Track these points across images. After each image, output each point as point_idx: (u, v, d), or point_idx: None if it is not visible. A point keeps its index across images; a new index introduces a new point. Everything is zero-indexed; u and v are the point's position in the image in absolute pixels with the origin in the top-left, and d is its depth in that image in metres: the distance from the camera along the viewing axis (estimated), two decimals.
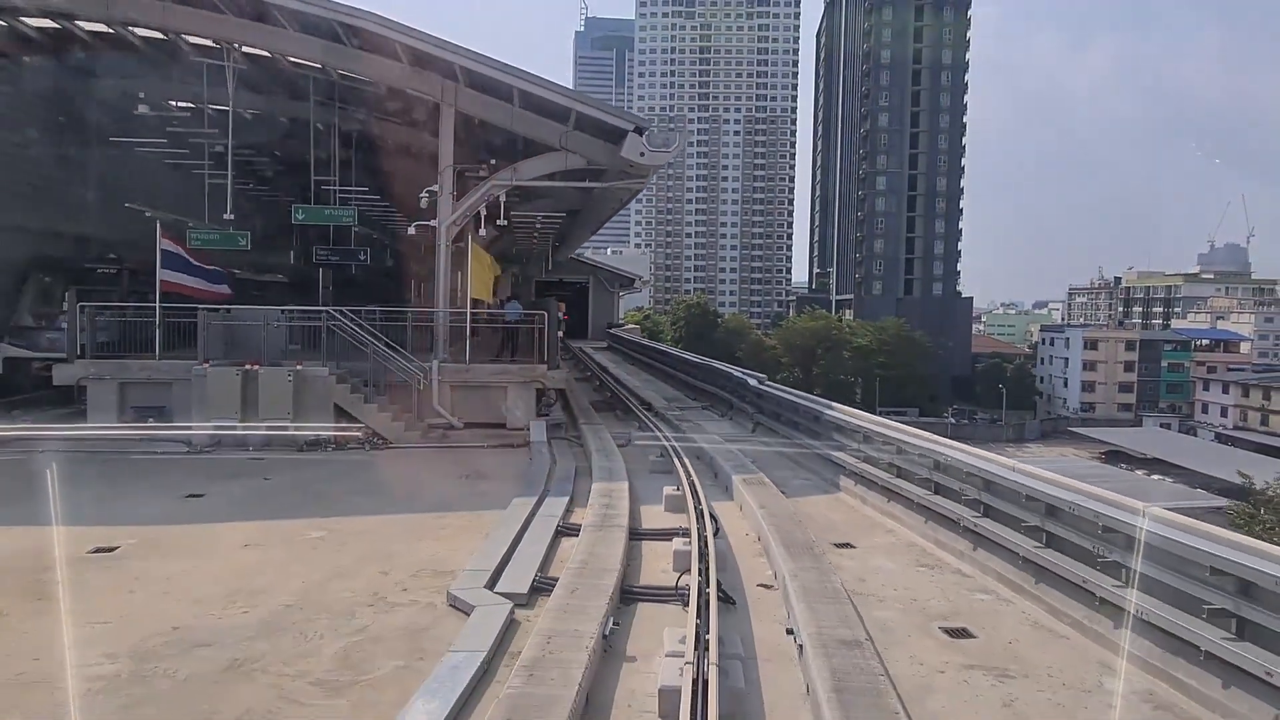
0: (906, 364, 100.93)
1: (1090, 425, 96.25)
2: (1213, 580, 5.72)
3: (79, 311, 15.62)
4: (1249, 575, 5.49)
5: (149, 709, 5.36)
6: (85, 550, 8.60)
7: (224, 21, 16.52)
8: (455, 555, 8.48)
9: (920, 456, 10.01)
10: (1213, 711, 5.50)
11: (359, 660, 6.14)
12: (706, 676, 5.12)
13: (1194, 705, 5.62)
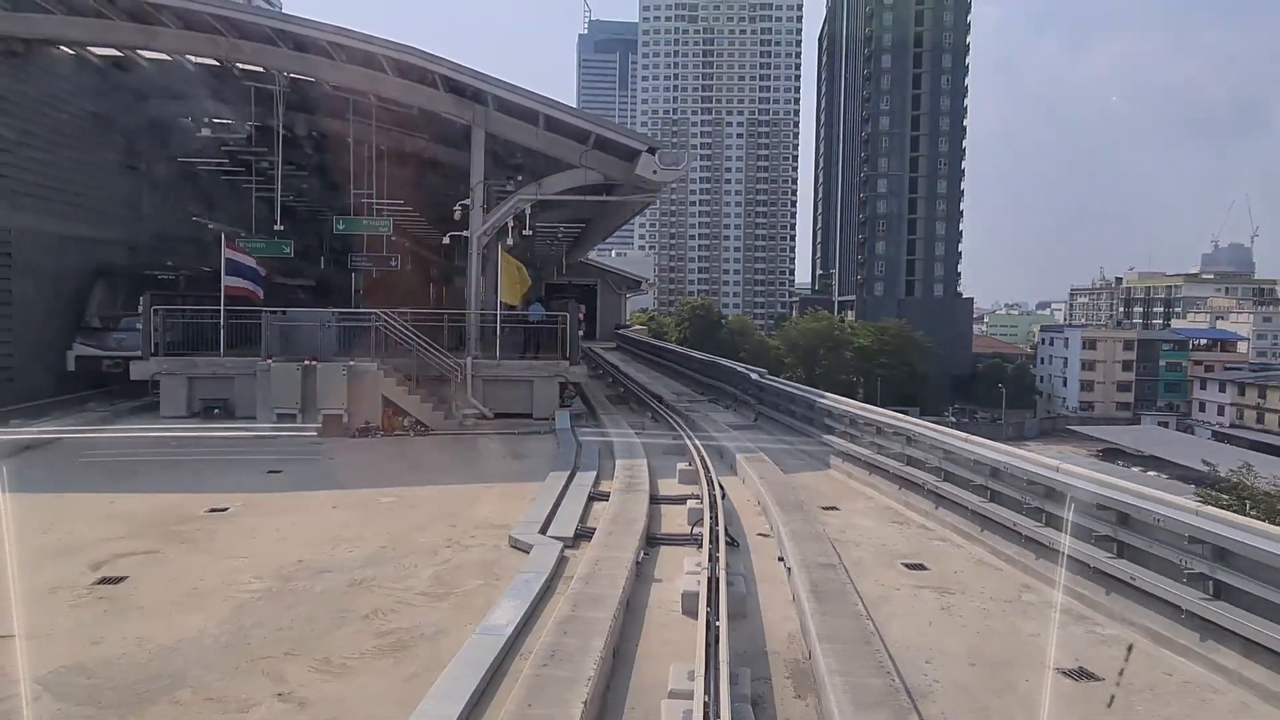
0: (907, 364, 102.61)
1: (1089, 424, 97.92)
2: (1100, 514, 7.55)
3: (152, 314, 17.51)
4: (1127, 509, 7.30)
5: (303, 608, 7.19)
6: (203, 511, 10.43)
7: (276, 53, 18.37)
8: (507, 514, 10.30)
9: (895, 434, 11.86)
10: (1096, 612, 7.31)
11: (449, 580, 7.98)
12: (718, 578, 6.95)
13: (1085, 609, 7.43)
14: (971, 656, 6.44)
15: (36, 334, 19.21)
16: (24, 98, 18.87)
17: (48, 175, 19.86)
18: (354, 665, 6.11)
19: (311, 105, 21.12)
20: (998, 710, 5.58)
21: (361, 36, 16.98)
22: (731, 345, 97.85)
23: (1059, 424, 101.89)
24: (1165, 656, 6.43)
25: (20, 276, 18.78)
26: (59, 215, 20.22)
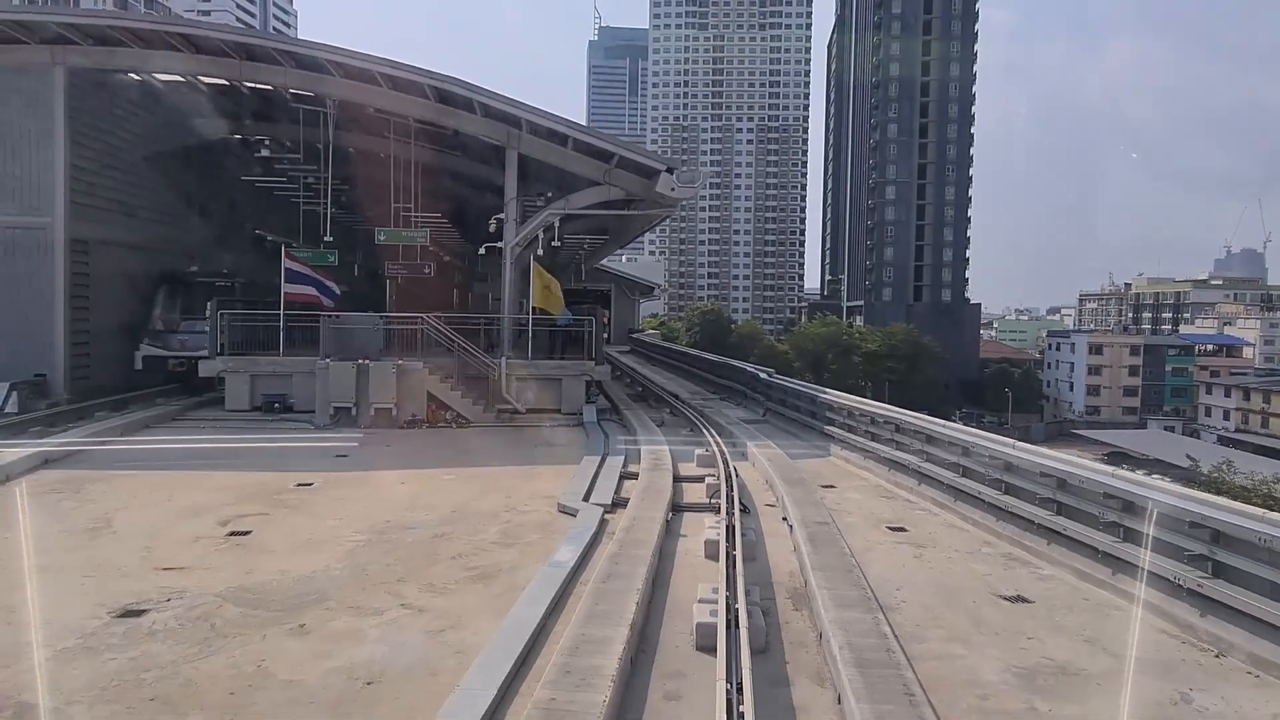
0: (915, 368, 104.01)
1: (1095, 428, 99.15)
2: (1043, 481, 9.30)
3: (218, 317, 19.41)
4: (1064, 476, 9.04)
5: (401, 552, 9.00)
6: (292, 485, 12.26)
7: (330, 81, 20.26)
8: (552, 488, 12.09)
9: (885, 423, 13.62)
10: (1039, 559, 9.05)
11: (514, 533, 9.79)
12: (734, 527, 8.73)
13: (1031, 557, 9.16)
14: (933, 587, 8.20)
15: (110, 336, 21.16)
16: (101, 125, 20.80)
17: (118, 192, 21.81)
18: (453, 588, 7.91)
19: (357, 126, 23.03)
20: (947, 618, 7.33)
21: (410, 68, 18.87)
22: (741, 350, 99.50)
23: (1065, 428, 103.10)
24: (1085, 587, 8.17)
25: (97, 284, 20.72)
26: (128, 228, 22.18)
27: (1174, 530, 7.34)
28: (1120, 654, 6.58)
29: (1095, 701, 5.80)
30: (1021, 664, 6.40)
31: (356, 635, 6.73)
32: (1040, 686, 6.02)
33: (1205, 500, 7.33)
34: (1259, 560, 6.52)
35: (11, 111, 19.11)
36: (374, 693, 5.73)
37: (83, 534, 9.54)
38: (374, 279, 27.51)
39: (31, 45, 19.11)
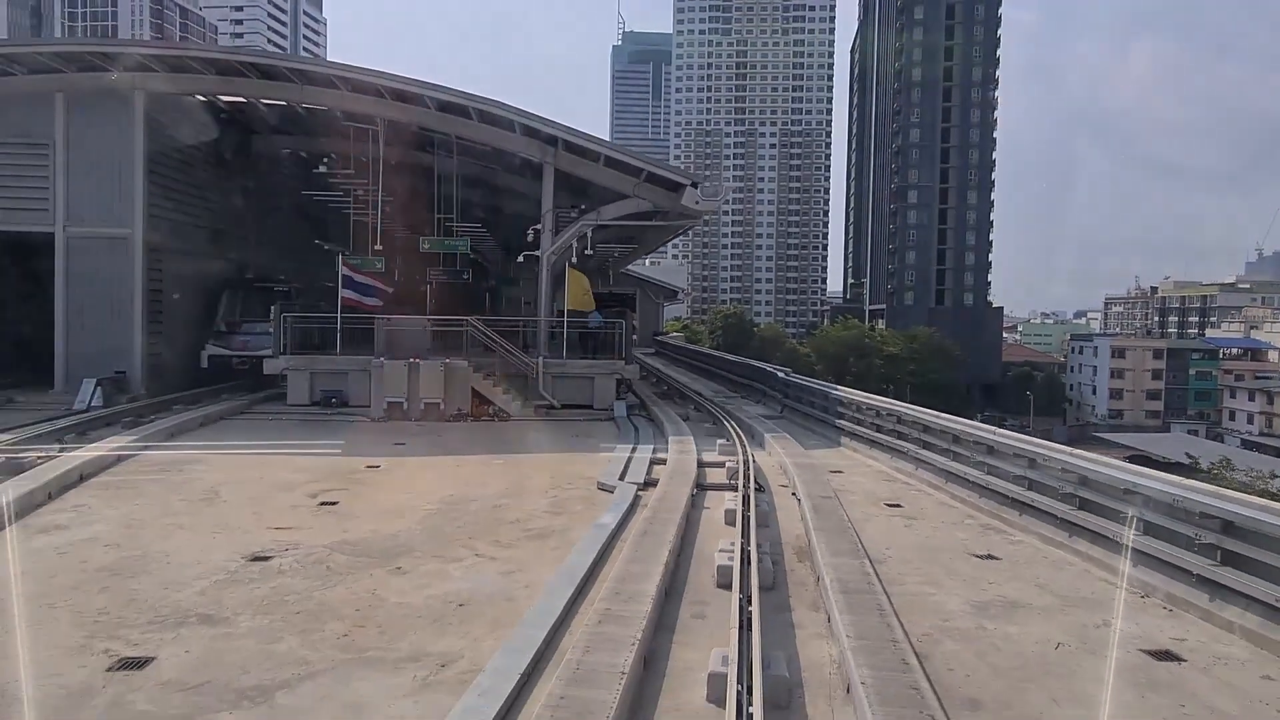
0: (937, 371, 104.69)
1: (1117, 431, 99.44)
2: (1016, 460, 10.80)
3: (282, 319, 21.25)
4: (1034, 455, 10.54)
5: (467, 518, 10.66)
6: (362, 467, 13.98)
7: (381, 103, 22.06)
8: (591, 471, 13.70)
9: (888, 415, 15.15)
10: (1012, 527, 10.54)
11: (561, 506, 11.42)
12: (750, 497, 10.31)
13: (1005, 526, 10.66)
14: (917, 547, 9.74)
15: (181, 336, 23.09)
16: (171, 142, 22.73)
17: (186, 203, 23.75)
18: (515, 544, 9.55)
19: (404, 142, 24.81)
20: (924, 568, 8.87)
21: (460, 93, 20.62)
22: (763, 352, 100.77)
23: (1087, 431, 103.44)
24: (1046, 549, 9.67)
25: (168, 288, 22.65)
26: (194, 237, 24.12)
27: (1114, 498, 8.85)
28: (1063, 595, 8.10)
29: (1032, 624, 7.33)
30: (979, 599, 7.94)
31: (444, 575, 8.39)
32: (990, 614, 7.56)
33: (1138, 472, 8.83)
34: (1177, 519, 8.00)
35: (99, 132, 21.06)
36: (466, 612, 7.37)
37: (199, 502, 11.29)
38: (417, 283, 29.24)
39: (115, 73, 21.04)
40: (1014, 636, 7.05)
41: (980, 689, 6.03)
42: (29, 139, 21.09)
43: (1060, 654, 6.68)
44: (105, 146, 21.20)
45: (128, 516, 10.43)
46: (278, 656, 6.34)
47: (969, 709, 5.70)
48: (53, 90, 20.96)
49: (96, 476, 12.47)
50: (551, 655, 6.17)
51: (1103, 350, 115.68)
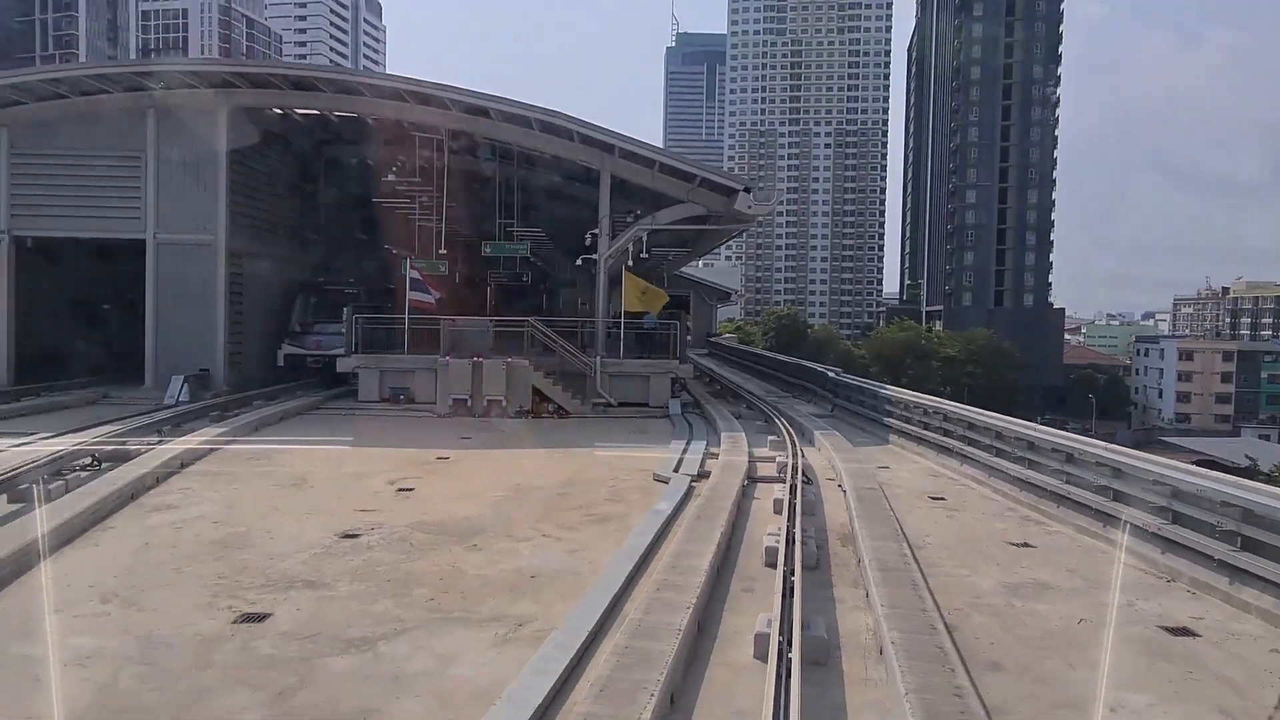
0: (996, 374, 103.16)
1: (1185, 436, 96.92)
2: (1054, 455, 11.27)
3: (353, 321, 22.45)
4: (1072, 451, 11.00)
5: (533, 504, 11.50)
6: (433, 458, 14.94)
7: (448, 115, 23.13)
8: (647, 464, 14.45)
9: (935, 412, 15.63)
10: (1049, 519, 11.02)
11: (619, 494, 12.21)
12: (797, 486, 10.97)
13: (1042, 518, 11.13)
14: (956, 535, 10.30)
15: (258, 336, 24.49)
16: (249, 153, 24.13)
17: (263, 211, 25.17)
18: (578, 527, 10.36)
19: (466, 150, 25.92)
20: (961, 554, 9.44)
21: (521, 104, 21.57)
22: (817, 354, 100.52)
23: (1153, 435, 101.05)
24: (1081, 538, 10.15)
25: (248, 291, 24.06)
26: (270, 242, 25.54)
27: (1145, 489, 9.31)
28: (1092, 579, 8.62)
29: (1059, 603, 7.88)
30: (1011, 581, 8.51)
31: (515, 552, 9.23)
32: (1020, 594, 8.12)
33: (1167, 464, 9.28)
34: (1204, 509, 8.46)
35: (186, 144, 22.51)
36: (537, 583, 8.19)
37: (289, 487, 12.35)
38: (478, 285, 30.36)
39: (201, 89, 22.49)
40: (1040, 613, 7.62)
41: (1003, 654, 6.64)
42: (123, 152, 22.63)
43: (1082, 628, 7.24)
44: (191, 157, 22.64)
45: (228, 499, 11.50)
46: (375, 615, 7.22)
47: (991, 670, 6.31)
48: (145, 107, 22.46)
49: (194, 464, 13.62)
50: (615, 617, 6.94)
51: (1169, 352, 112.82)
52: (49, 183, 22.61)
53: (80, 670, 6.02)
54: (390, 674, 6.09)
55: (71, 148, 22.50)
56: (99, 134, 22.56)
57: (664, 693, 5.39)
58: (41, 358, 23.39)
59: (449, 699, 5.71)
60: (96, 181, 22.64)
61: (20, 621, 6.91)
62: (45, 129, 22.46)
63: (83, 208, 22.65)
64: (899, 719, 5.29)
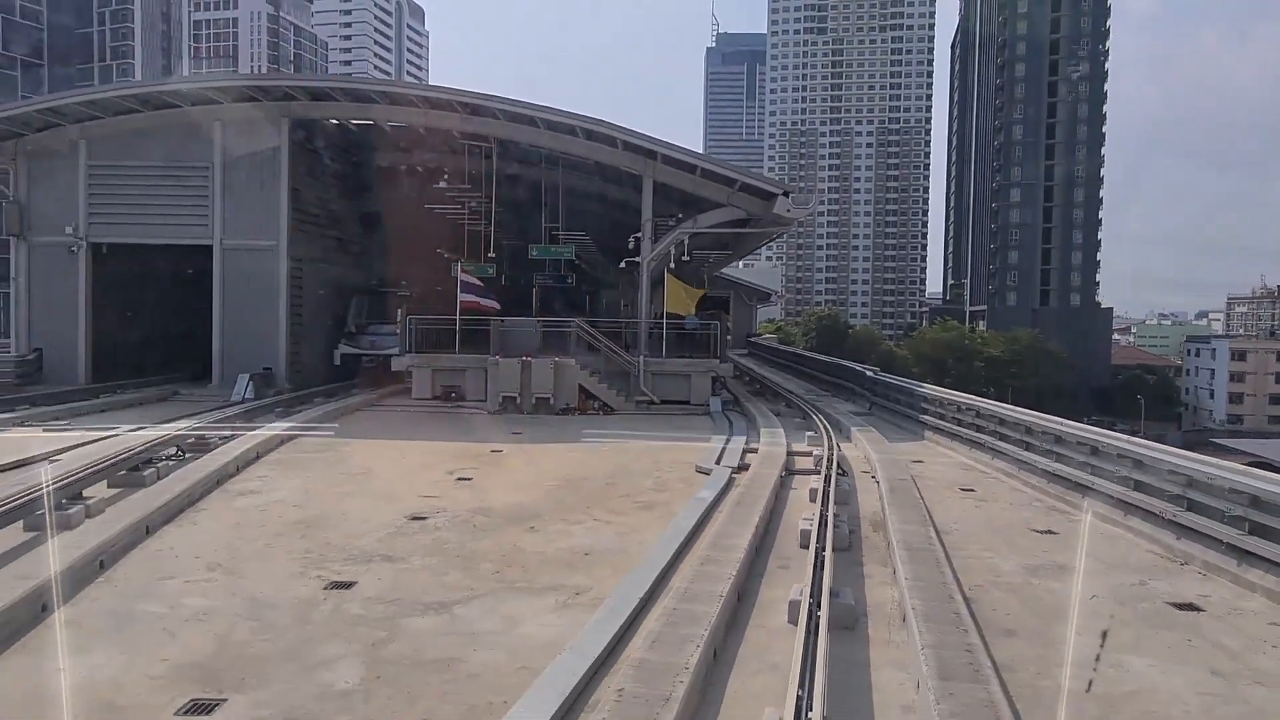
0: (1040, 374, 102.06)
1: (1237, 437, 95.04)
2: (1079, 448, 11.80)
3: (408, 322, 23.50)
4: (1095, 443, 11.52)
5: (583, 493, 12.31)
6: (488, 451, 15.84)
7: (496, 124, 24.10)
8: (689, 458, 15.18)
9: (967, 409, 16.16)
10: (1074, 508, 11.55)
11: (664, 484, 12.98)
12: (832, 477, 11.64)
13: (1068, 507, 11.66)
14: (983, 523, 10.89)
15: (317, 337, 25.68)
16: (307, 162, 25.34)
17: (320, 217, 26.36)
18: (627, 512, 11.14)
19: (513, 157, 26.90)
20: (986, 539, 10.04)
21: (567, 114, 22.47)
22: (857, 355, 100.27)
23: (1205, 436, 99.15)
24: (1102, 525, 10.67)
25: (307, 294, 25.25)
26: (327, 247, 26.75)
27: (1163, 479, 9.84)
28: (1109, 561, 9.18)
29: (1074, 582, 8.47)
30: (1031, 563, 9.11)
31: (569, 533, 10.04)
32: (1038, 573, 8.73)
33: (1183, 455, 9.80)
34: (1218, 496, 8.98)
35: (251, 155, 23.78)
36: (590, 559, 8.98)
37: (358, 476, 13.32)
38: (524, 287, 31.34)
39: (264, 103, 23.72)
40: (1055, 590, 8.23)
41: (1017, 623, 7.28)
42: (192, 162, 23.94)
43: (1093, 603, 7.84)
44: (255, 167, 23.90)
45: (303, 486, 12.49)
46: (447, 584, 8.07)
47: (1004, 635, 6.96)
48: (212, 120, 23.75)
49: (269, 455, 14.66)
50: (664, 586, 7.70)
51: (1221, 352, 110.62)
52: (123, 192, 24.01)
53: (200, 625, 6.95)
54: (466, 631, 6.93)
55: (144, 159, 23.89)
56: (170, 146, 23.90)
57: (708, 646, 6.14)
58: (113, 357, 24.82)
59: (518, 651, 6.52)
60: (168, 190, 24.00)
61: (143, 586, 7.88)
62: (120, 142, 23.86)
63: (154, 215, 24.03)
64: (915, 671, 5.98)
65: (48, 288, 23.97)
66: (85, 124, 23.60)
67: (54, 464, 12.44)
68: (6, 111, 23.52)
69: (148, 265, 25.46)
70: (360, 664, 6.27)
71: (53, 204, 23.72)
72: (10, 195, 23.64)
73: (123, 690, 5.80)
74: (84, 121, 23.56)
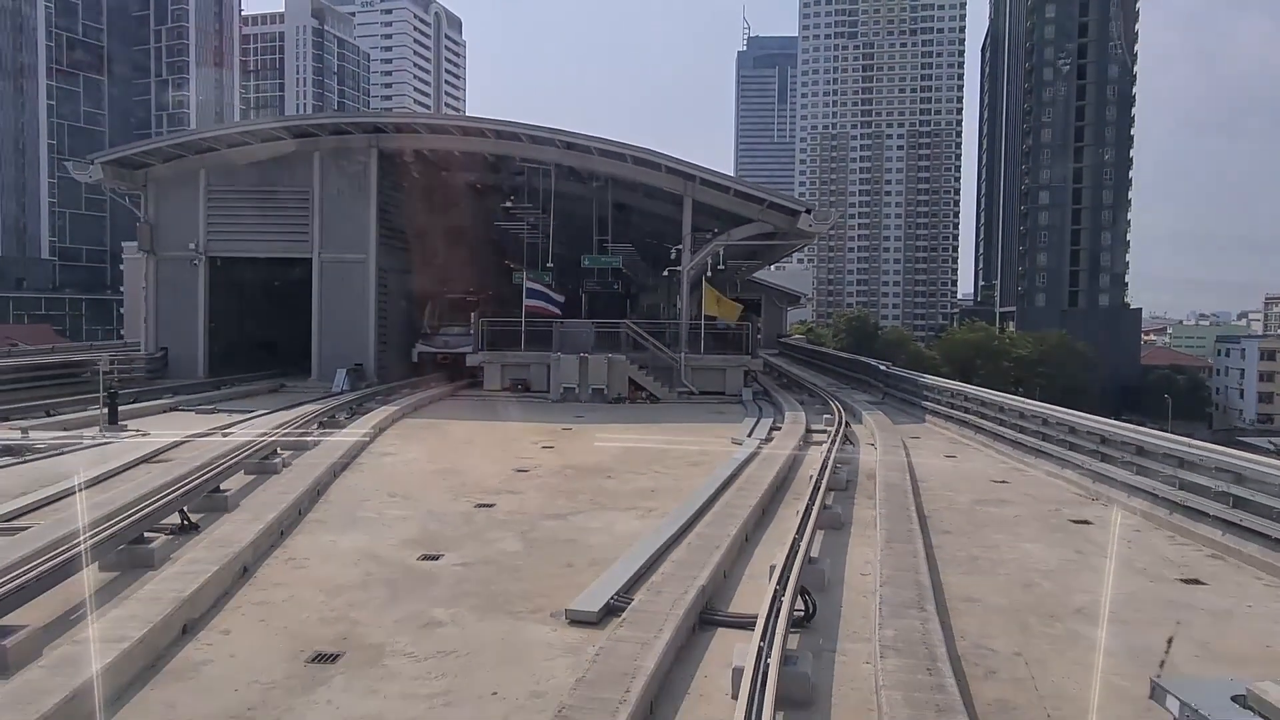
0: (1068, 374, 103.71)
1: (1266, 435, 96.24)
2: (1033, 418, 15.04)
3: (480, 324, 27.14)
4: (1045, 415, 14.73)
5: (643, 457, 15.74)
6: (560, 428, 19.34)
7: (556, 152, 27.64)
8: (726, 433, 18.56)
9: (957, 394, 19.40)
10: (1027, 465, 14.76)
11: (706, 451, 16.38)
12: (835, 442, 14.99)
13: (1025, 468, 14.88)
14: (953, 475, 14.18)
15: (399, 338, 29.40)
16: (390, 183, 29.06)
17: (402, 231, 30.09)
18: (678, 469, 14.57)
19: (568, 177, 30.45)
20: (952, 483, 13.33)
21: (617, 143, 25.97)
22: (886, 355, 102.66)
23: (1233, 435, 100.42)
24: (1045, 478, 13.90)
25: (391, 299, 28.97)
26: (406, 258, 30.46)
27: (1086, 439, 13.07)
28: (1039, 498, 12.45)
29: (1008, 509, 11.75)
30: (980, 499, 12.40)
31: (637, 479, 13.48)
32: (982, 503, 12.03)
33: (1102, 421, 13.02)
34: (1127, 450, 12.18)
35: (345, 181, 27.53)
36: (655, 494, 12.41)
37: (464, 445, 16.89)
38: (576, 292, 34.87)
39: (356, 135, 27.49)
40: (993, 513, 11.52)
41: (953, 528, 10.60)
42: (295, 186, 27.76)
43: (1015, 521, 11.13)
44: (348, 190, 27.66)
45: (426, 450, 16.07)
46: (559, 506, 11.55)
47: (941, 533, 10.29)
48: (311, 149, 27.55)
49: (388, 430, 18.27)
50: (709, 507, 11.09)
51: (1250, 352, 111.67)
52: (236, 212, 27.89)
53: (403, 523, 10.48)
54: (579, 527, 10.40)
55: (254, 183, 27.75)
56: (276, 172, 27.74)
57: (741, 530, 9.56)
58: (226, 355, 28.73)
59: (616, 536, 9.96)
60: (274, 210, 27.84)
61: (353, 504, 11.46)
62: (234, 169, 27.73)
63: (262, 231, 27.89)
64: (875, 547, 9.32)
65: (172, 295, 27.89)
66: (205, 154, 27.51)
67: (229, 436, 16.13)
68: (141, 147, 27.53)
69: (255, 275, 29.32)
70: (518, 540, 9.76)
71: (177, 223, 27.64)
72: (143, 217, 27.62)
73: (376, 550, 9.33)
74: (204, 153, 27.48)
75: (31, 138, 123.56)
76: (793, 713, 5.71)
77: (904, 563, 8.35)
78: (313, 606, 7.53)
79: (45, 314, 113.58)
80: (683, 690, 6.06)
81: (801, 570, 7.49)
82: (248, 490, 11.69)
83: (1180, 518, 10.48)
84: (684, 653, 6.61)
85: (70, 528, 8.47)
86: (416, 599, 7.78)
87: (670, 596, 7.27)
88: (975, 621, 7.44)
